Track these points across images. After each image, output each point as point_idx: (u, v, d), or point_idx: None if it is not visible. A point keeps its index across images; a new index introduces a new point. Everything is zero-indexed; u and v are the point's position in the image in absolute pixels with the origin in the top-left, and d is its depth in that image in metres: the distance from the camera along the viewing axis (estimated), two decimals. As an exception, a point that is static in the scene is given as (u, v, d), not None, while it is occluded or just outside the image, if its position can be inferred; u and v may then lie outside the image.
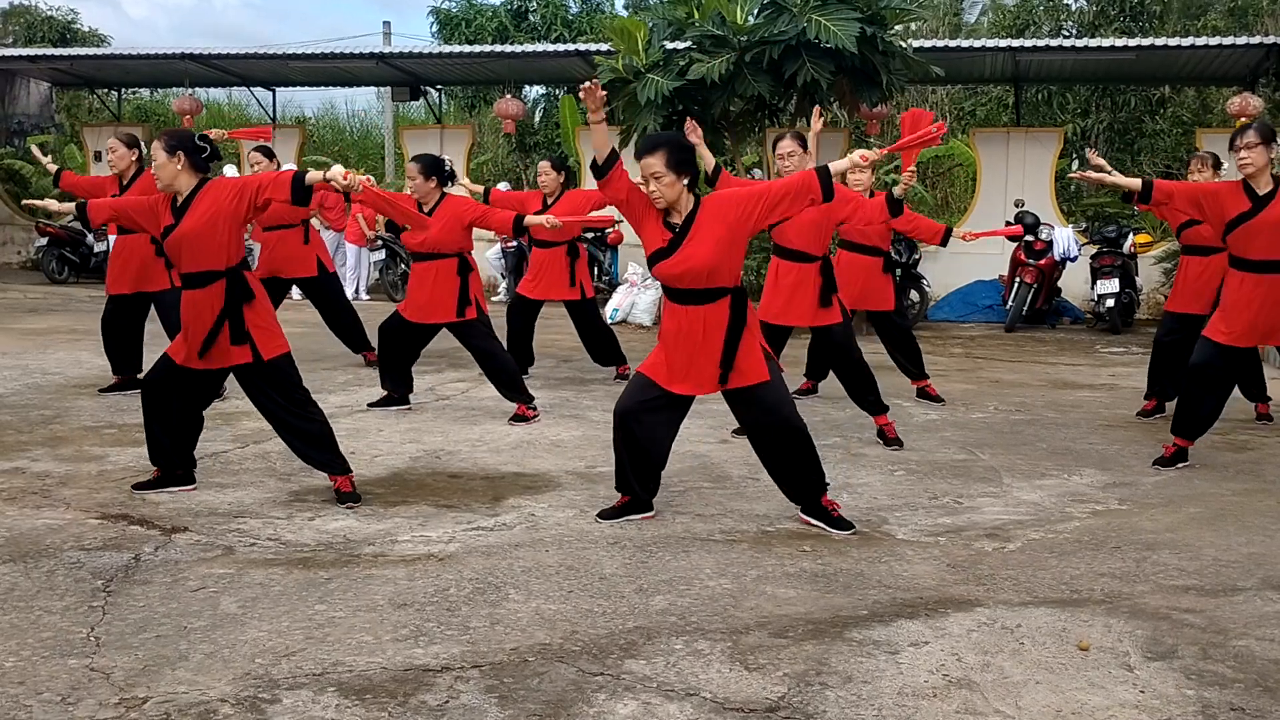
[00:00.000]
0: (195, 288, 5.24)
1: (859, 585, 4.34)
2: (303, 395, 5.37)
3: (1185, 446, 6.35)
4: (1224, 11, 21.74)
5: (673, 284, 4.88)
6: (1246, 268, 6.11)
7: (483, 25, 23.66)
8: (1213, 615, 4.06)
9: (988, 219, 15.11)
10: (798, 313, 6.92)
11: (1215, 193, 6.21)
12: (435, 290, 7.39)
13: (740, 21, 11.83)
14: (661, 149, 4.76)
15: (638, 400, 4.98)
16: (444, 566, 4.46)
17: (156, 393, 5.35)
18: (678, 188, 4.78)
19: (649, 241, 4.89)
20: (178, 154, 5.19)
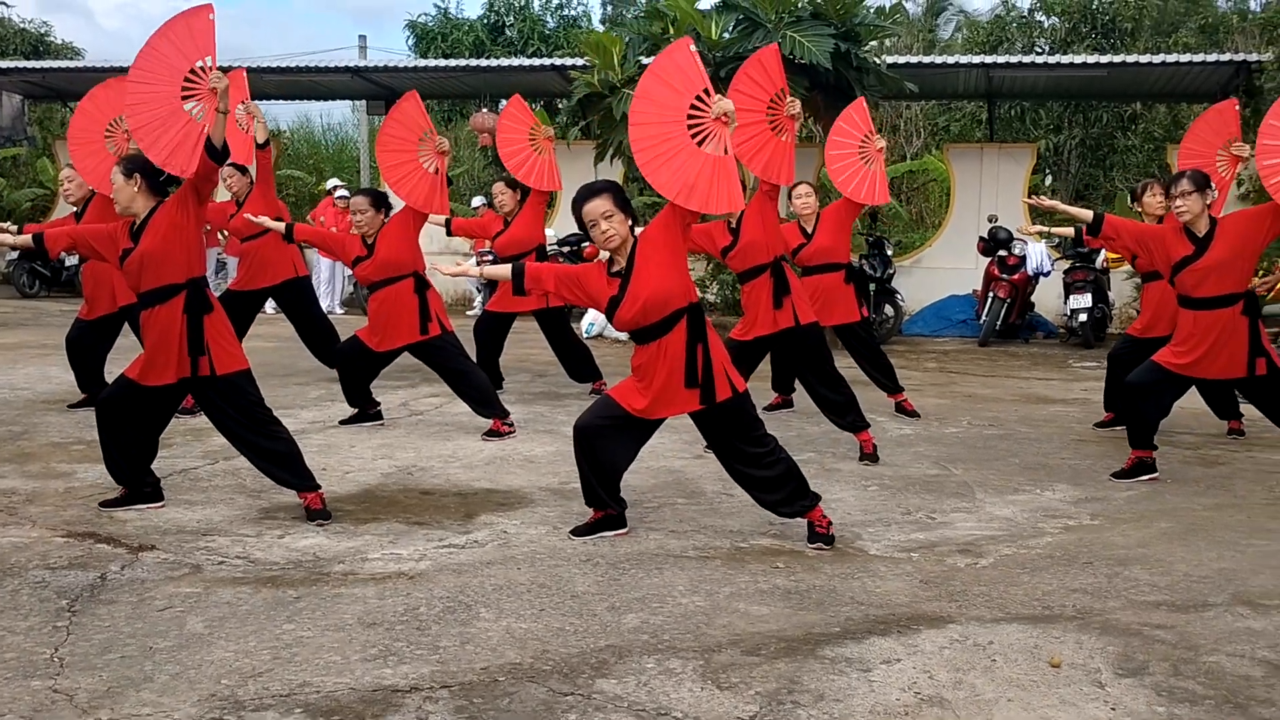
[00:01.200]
0: (156, 304, 5.22)
1: (832, 602, 4.33)
2: (264, 414, 5.34)
3: (1145, 457, 6.41)
4: (1195, 29, 21.96)
5: (636, 324, 4.88)
6: (1196, 306, 6.21)
7: (459, 39, 23.67)
8: (1183, 631, 4.07)
9: (962, 234, 15.19)
10: (761, 324, 6.88)
11: (1160, 236, 6.39)
12: (395, 313, 7.33)
13: (715, 37, 11.85)
14: (606, 192, 4.84)
15: (599, 418, 4.99)
16: (414, 585, 4.42)
17: (112, 413, 5.30)
18: (627, 224, 4.84)
19: (601, 296, 4.90)
20: (135, 177, 5.19)
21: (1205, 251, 6.12)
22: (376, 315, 7.41)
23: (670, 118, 4.77)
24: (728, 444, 5.01)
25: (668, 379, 4.86)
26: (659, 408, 4.94)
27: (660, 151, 4.77)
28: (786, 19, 11.54)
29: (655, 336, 4.86)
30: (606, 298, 4.87)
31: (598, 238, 4.84)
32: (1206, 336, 6.16)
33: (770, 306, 6.74)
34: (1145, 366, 6.38)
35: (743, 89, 5.97)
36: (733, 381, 4.93)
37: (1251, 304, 6.22)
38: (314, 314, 9.32)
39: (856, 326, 8.06)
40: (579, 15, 25.52)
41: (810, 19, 11.55)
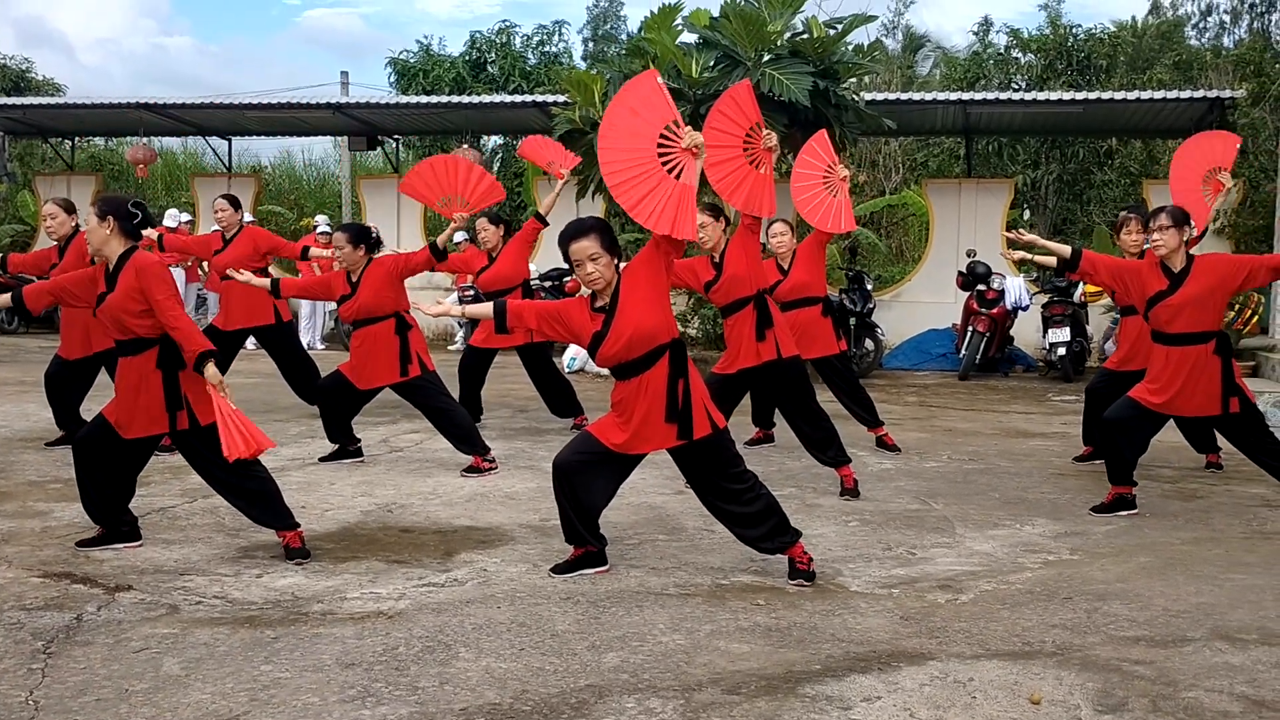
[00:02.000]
0: (129, 354, 5.23)
1: (812, 639, 4.32)
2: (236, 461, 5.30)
3: (1124, 493, 6.45)
4: (1169, 65, 22.27)
5: (619, 360, 4.89)
6: (1169, 342, 6.27)
7: (440, 76, 23.75)
8: (1163, 666, 4.07)
9: (941, 268, 15.31)
10: (744, 356, 6.89)
11: (1136, 270, 6.43)
12: (375, 352, 7.36)
13: (695, 74, 11.94)
14: (593, 231, 4.83)
15: (578, 455, 4.99)
16: (393, 624, 4.40)
17: (89, 453, 5.26)
18: (613, 266, 4.86)
19: (584, 332, 4.91)
20: (109, 219, 5.19)
21: (1179, 287, 6.18)
22: (357, 353, 7.42)
23: (640, 145, 4.79)
24: (707, 480, 5.01)
25: (647, 414, 4.87)
26: (638, 443, 4.94)
27: (631, 176, 4.79)
28: (766, 56, 11.65)
29: (637, 372, 4.87)
30: (589, 333, 4.88)
31: (583, 278, 4.85)
32: (1179, 373, 6.22)
33: (753, 339, 6.75)
34: (1122, 403, 6.42)
35: (718, 125, 6.00)
36: (712, 418, 4.94)
37: (1224, 343, 6.28)
38: (296, 353, 9.33)
39: (835, 360, 8.07)
40: (560, 52, 25.66)
41: (789, 56, 11.65)
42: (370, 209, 17.93)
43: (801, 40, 11.81)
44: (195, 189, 18.94)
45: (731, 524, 5.06)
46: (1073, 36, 21.56)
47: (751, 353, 6.77)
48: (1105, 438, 6.53)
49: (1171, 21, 25.99)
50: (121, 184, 24.10)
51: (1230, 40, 25.47)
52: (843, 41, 12.03)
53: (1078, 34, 21.70)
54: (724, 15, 11.90)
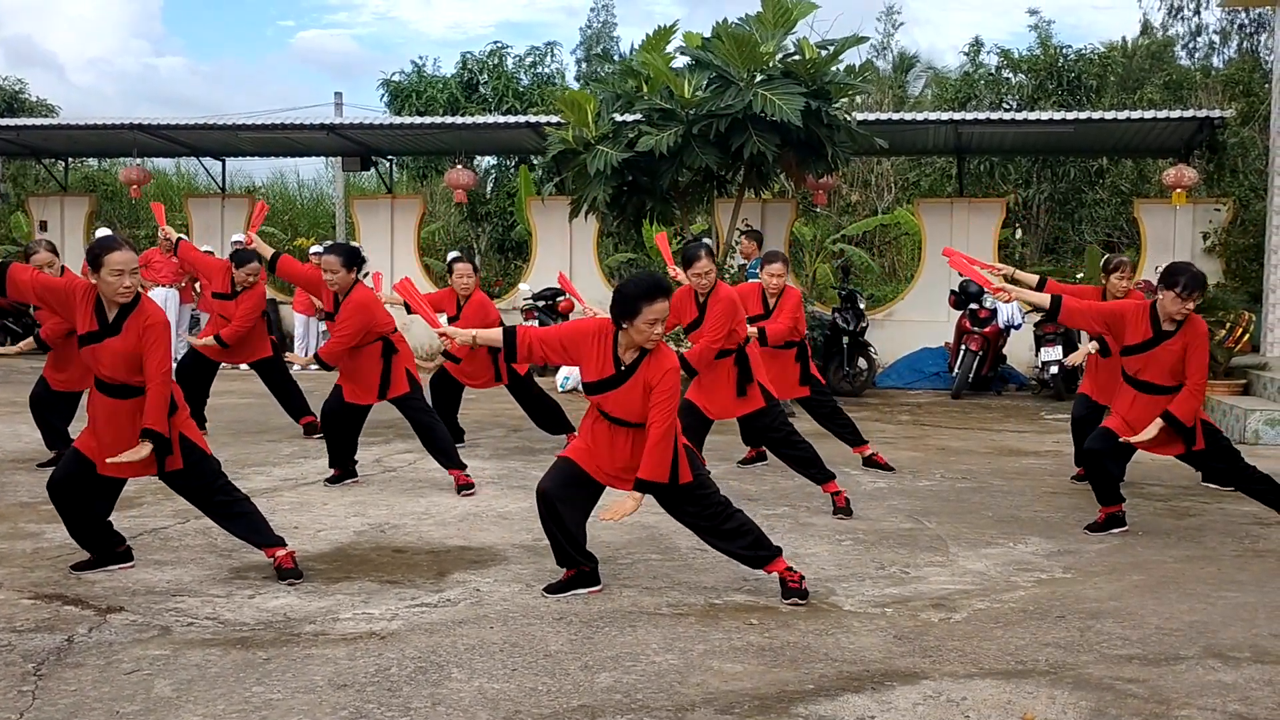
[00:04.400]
0: (115, 396, 5.13)
1: (805, 659, 4.32)
2: (221, 489, 5.29)
3: (1114, 512, 6.48)
4: (1159, 85, 22.39)
5: (615, 411, 4.92)
6: (1138, 388, 6.32)
7: (433, 96, 23.80)
8: (1155, 685, 4.08)
9: (933, 287, 15.35)
10: (718, 406, 6.94)
11: (1120, 315, 6.33)
12: (359, 371, 7.42)
13: (688, 95, 11.99)
14: (670, 296, 4.86)
15: (560, 481, 5.01)
16: (386, 645, 4.39)
17: (66, 493, 5.16)
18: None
19: (590, 368, 4.89)
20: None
21: (1162, 343, 6.19)
22: (344, 370, 7.48)
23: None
24: (682, 512, 5.08)
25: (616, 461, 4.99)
26: (618, 482, 5.04)
27: None
28: (758, 77, 11.70)
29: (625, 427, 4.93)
30: (596, 374, 4.86)
31: (645, 335, 4.76)
32: (1145, 417, 6.24)
33: (733, 394, 6.85)
34: (1099, 433, 6.44)
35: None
36: (694, 462, 5.02)
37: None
38: (287, 381, 9.47)
39: (811, 395, 8.10)
40: (553, 73, 25.73)
41: (781, 77, 11.70)
42: (364, 229, 17.94)
43: (794, 61, 11.86)
44: (188, 209, 18.93)
45: (715, 540, 5.10)
46: (1063, 57, 21.64)
47: (729, 408, 6.92)
48: (1089, 465, 6.55)
49: (1161, 42, 26.15)
50: (115, 205, 24.12)
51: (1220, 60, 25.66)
52: (835, 62, 12.08)
53: (1068, 54, 21.79)
54: (716, 36, 11.96)
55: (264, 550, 5.31)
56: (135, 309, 5.08)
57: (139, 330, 5.04)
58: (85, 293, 5.12)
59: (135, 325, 5.05)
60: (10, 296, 5.26)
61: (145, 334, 5.03)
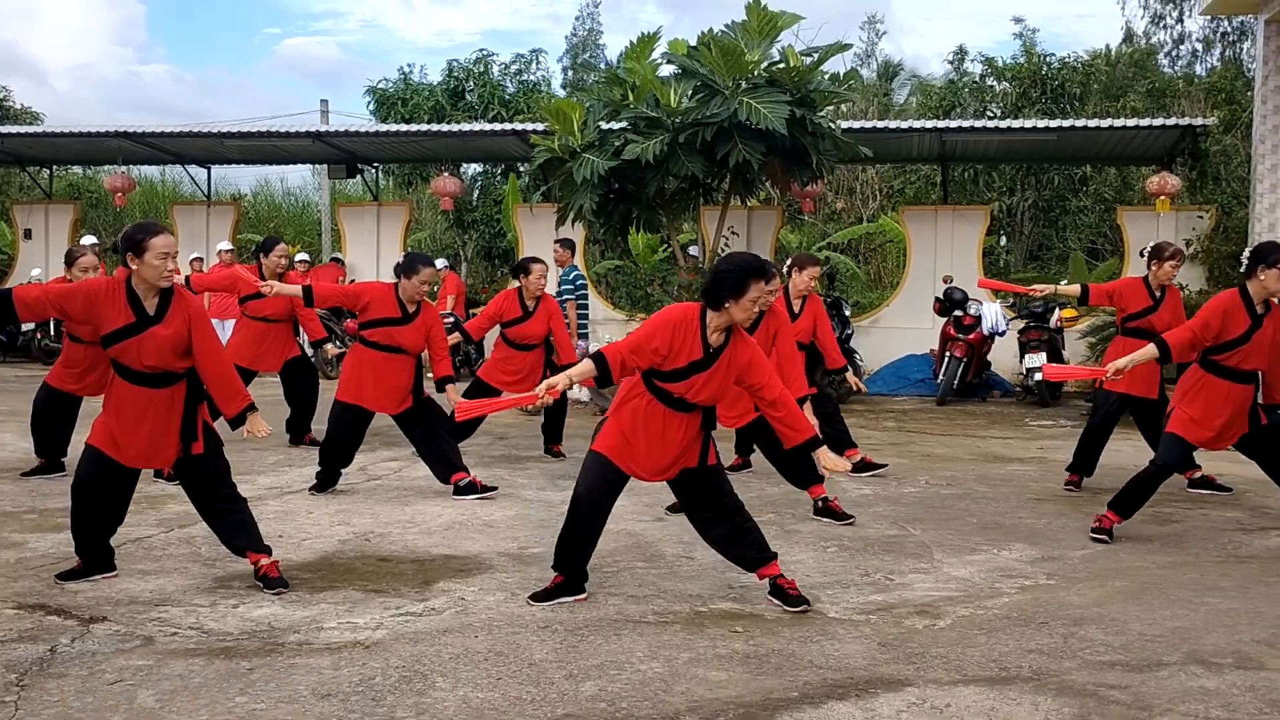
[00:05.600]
0: (153, 386, 5.14)
1: (790, 666, 4.33)
2: (229, 484, 5.36)
3: (1119, 524, 6.50)
4: (1142, 93, 22.51)
5: (689, 398, 4.93)
6: (1236, 378, 6.27)
7: (419, 104, 23.80)
8: (1138, 691, 4.09)
9: (918, 294, 15.41)
10: (736, 413, 6.99)
11: (1222, 314, 6.21)
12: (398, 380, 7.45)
13: (674, 104, 12.03)
14: (769, 276, 5.05)
15: (606, 488, 5.03)
16: (370, 654, 4.38)
17: (92, 493, 5.17)
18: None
19: (679, 356, 4.85)
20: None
21: (1260, 328, 6.22)
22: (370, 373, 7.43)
23: None
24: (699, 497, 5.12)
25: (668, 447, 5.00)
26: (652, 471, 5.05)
27: None
28: (744, 86, 11.74)
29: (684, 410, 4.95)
30: (682, 354, 4.84)
31: (748, 313, 4.83)
32: (1230, 408, 6.28)
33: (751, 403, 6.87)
34: (1174, 446, 6.32)
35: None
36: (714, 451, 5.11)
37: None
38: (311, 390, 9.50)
39: (818, 394, 8.12)
40: (539, 81, 25.77)
41: (766, 85, 11.74)
42: (350, 237, 17.93)
43: (779, 69, 11.91)
44: (174, 217, 18.89)
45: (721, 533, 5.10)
46: (1047, 65, 21.78)
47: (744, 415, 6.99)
48: (1154, 479, 6.37)
49: (1144, 50, 26.31)
50: (99, 212, 24.06)
51: (1202, 68, 25.81)
52: (819, 70, 12.13)
53: (1052, 63, 21.93)
54: (702, 44, 12.01)
55: (248, 555, 5.29)
56: (175, 295, 5.15)
57: (185, 316, 5.13)
58: (110, 289, 5.11)
59: (180, 311, 5.12)
60: (25, 319, 5.26)
61: (194, 319, 5.14)
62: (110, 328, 5.07)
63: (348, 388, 7.48)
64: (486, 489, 7.44)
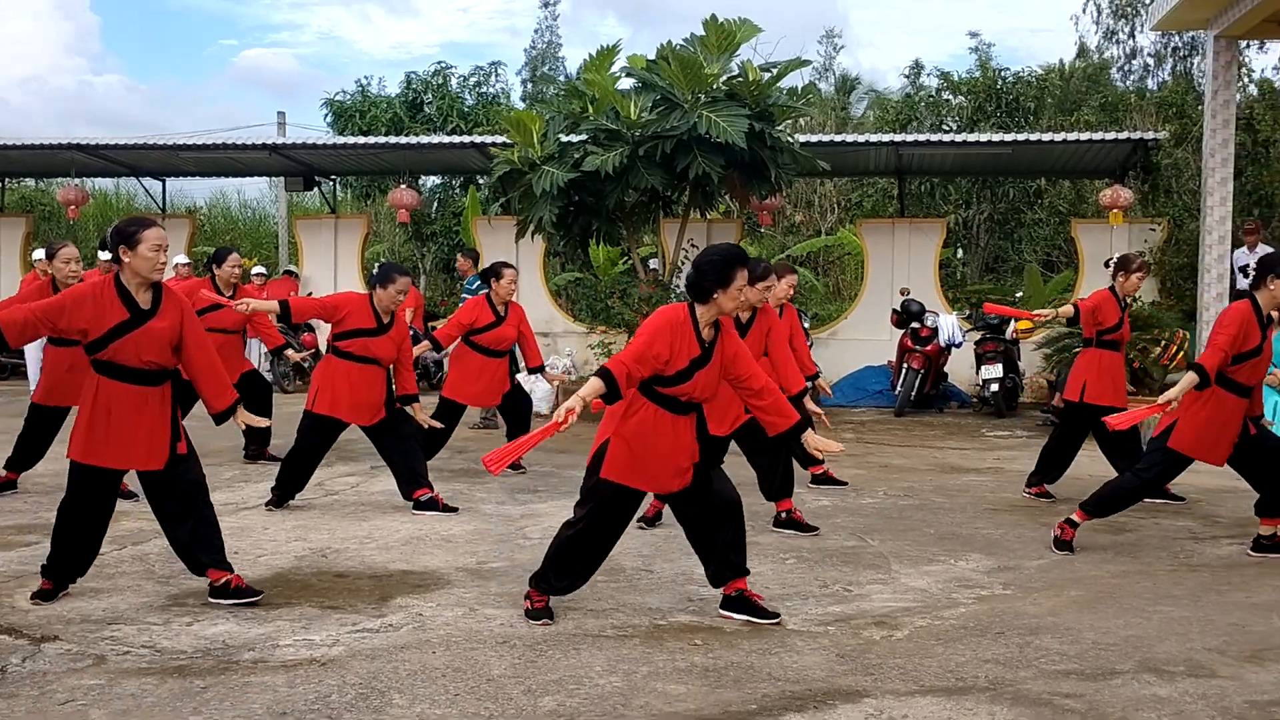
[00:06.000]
0: (148, 384, 5.11)
1: (749, 679, 4.33)
2: (205, 489, 5.32)
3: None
4: (1095, 107, 22.81)
5: (694, 396, 4.93)
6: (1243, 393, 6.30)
7: (377, 116, 23.71)
8: (1092, 700, 4.13)
9: (876, 306, 15.51)
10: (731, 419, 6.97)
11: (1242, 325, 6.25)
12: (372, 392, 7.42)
13: (634, 116, 12.05)
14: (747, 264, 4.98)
15: (625, 510, 5.04)
16: (326, 671, 4.34)
17: (82, 511, 5.13)
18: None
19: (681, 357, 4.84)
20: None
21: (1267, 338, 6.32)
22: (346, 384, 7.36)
23: None
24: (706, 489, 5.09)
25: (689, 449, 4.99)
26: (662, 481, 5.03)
27: None
28: (703, 99, 11.79)
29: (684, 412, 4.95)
30: (683, 354, 4.84)
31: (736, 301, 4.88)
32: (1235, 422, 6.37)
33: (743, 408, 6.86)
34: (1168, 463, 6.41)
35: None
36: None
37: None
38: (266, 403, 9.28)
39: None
40: (498, 93, 25.74)
41: (725, 99, 11.80)
42: (307, 250, 17.81)
43: (737, 83, 11.97)
44: (128, 230, 18.65)
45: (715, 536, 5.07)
46: (1002, 79, 22.03)
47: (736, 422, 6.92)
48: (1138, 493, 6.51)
49: (1097, 65, 26.65)
50: (52, 225, 23.75)
51: (1154, 83, 26.18)
52: (777, 85, 12.21)
53: (1007, 77, 22.19)
54: (661, 58, 12.05)
55: (210, 572, 5.22)
56: (165, 289, 5.18)
57: (178, 309, 5.17)
58: (98, 290, 5.06)
59: (172, 305, 5.16)
60: (16, 345, 5.10)
61: (185, 312, 5.20)
62: (105, 327, 5.02)
63: (322, 399, 7.38)
64: (448, 508, 7.39)
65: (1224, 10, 13.27)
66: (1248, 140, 17.83)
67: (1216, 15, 13.50)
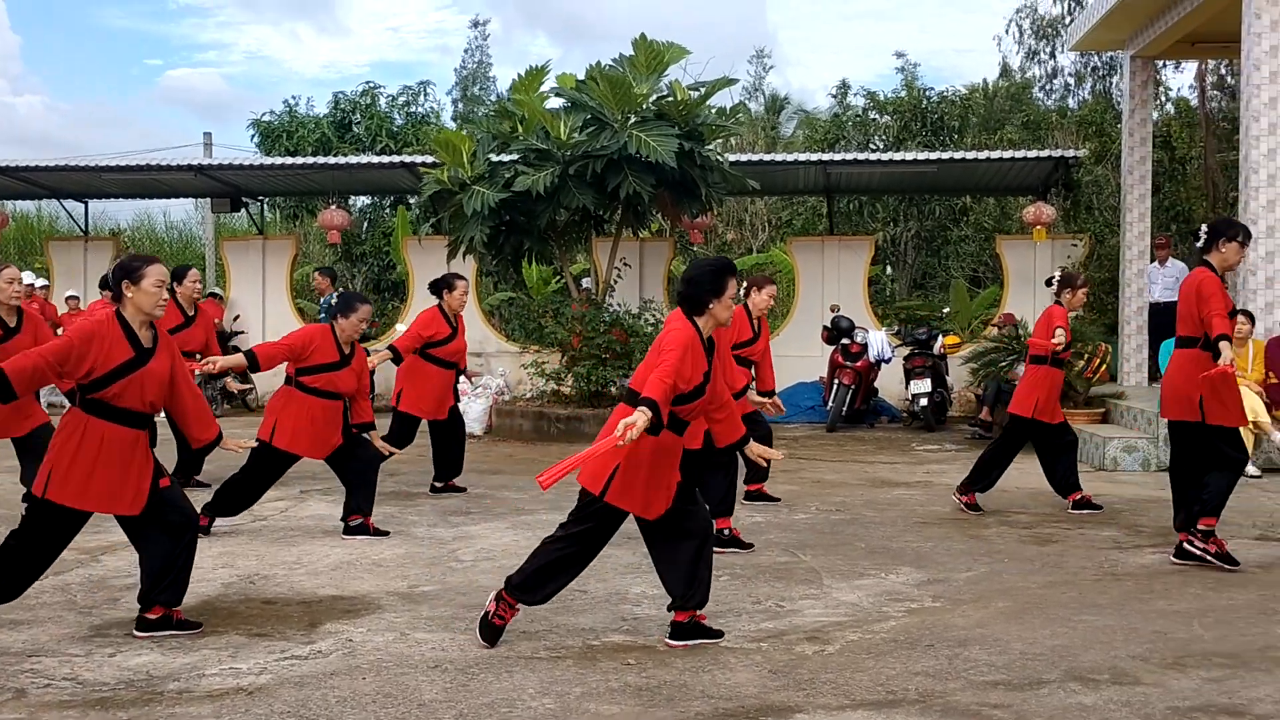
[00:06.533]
0: (140, 426, 5.02)
1: (682, 697, 4.33)
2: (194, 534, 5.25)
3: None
4: (1018, 126, 23.23)
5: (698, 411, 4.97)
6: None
7: (305, 137, 23.51)
8: (1020, 710, 4.19)
9: (807, 322, 15.65)
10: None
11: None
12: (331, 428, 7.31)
13: (564, 136, 12.09)
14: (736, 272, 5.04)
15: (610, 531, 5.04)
16: (253, 700, 4.27)
17: (44, 544, 5.00)
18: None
19: (699, 370, 4.86)
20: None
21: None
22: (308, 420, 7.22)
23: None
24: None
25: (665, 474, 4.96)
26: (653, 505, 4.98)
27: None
28: (633, 119, 11.86)
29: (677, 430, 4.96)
30: (701, 366, 4.87)
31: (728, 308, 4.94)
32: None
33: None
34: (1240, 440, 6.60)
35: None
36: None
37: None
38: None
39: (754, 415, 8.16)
40: (428, 112, 25.66)
41: (655, 119, 11.88)
42: (235, 272, 17.56)
43: (667, 103, 12.05)
44: (49, 253, 18.31)
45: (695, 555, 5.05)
46: (927, 99, 22.39)
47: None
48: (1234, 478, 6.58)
49: (1020, 84, 27.15)
50: (-30, 248, 23.19)
51: (1075, 102, 26.72)
52: (707, 104, 12.31)
53: (932, 96, 22.55)
54: (590, 78, 12.10)
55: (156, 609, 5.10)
56: (157, 328, 5.13)
57: (169, 346, 5.14)
58: (104, 328, 4.93)
59: (165, 342, 5.14)
60: (24, 393, 4.88)
61: (175, 350, 5.19)
62: (111, 365, 4.89)
63: (282, 434, 7.15)
64: (379, 532, 7.31)
65: (1139, 31, 13.64)
66: (1165, 157, 18.36)
67: (1132, 36, 13.87)
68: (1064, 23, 24.78)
